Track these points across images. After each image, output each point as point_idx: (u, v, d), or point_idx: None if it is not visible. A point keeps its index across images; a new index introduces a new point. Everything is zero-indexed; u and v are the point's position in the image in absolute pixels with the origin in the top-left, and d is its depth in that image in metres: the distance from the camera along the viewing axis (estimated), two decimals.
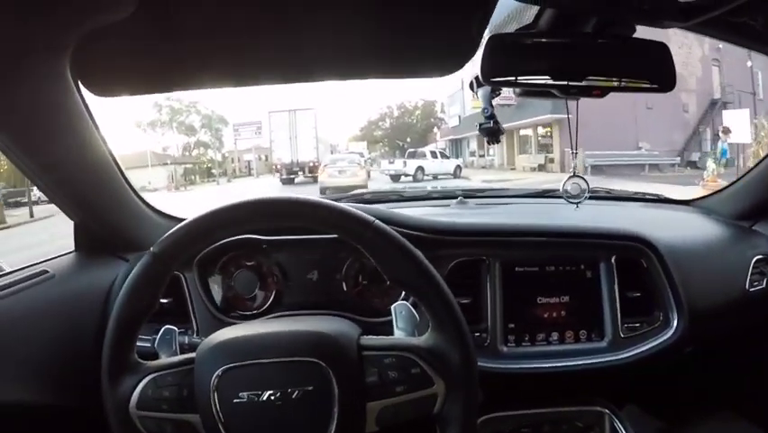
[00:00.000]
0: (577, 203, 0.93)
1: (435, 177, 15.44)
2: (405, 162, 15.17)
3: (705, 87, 16.69)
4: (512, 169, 21.19)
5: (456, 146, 25.03)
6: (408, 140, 33.75)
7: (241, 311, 0.92)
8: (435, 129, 32.14)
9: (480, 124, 0.98)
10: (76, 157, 0.78)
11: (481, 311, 0.93)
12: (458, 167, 17.93)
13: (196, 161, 30.96)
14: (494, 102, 0.96)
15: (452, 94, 23.41)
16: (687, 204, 1.43)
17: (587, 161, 14.20)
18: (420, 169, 15.20)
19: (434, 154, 18.47)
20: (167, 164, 24.39)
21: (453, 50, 0.66)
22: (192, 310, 0.89)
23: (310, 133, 17.03)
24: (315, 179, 15.89)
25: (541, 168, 18.71)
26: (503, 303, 0.93)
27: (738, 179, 1.36)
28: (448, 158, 18.59)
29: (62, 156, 0.75)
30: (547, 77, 0.68)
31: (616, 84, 0.71)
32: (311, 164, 16.78)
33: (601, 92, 0.72)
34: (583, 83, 0.70)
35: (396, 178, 14.82)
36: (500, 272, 0.94)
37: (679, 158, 15.35)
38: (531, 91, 0.77)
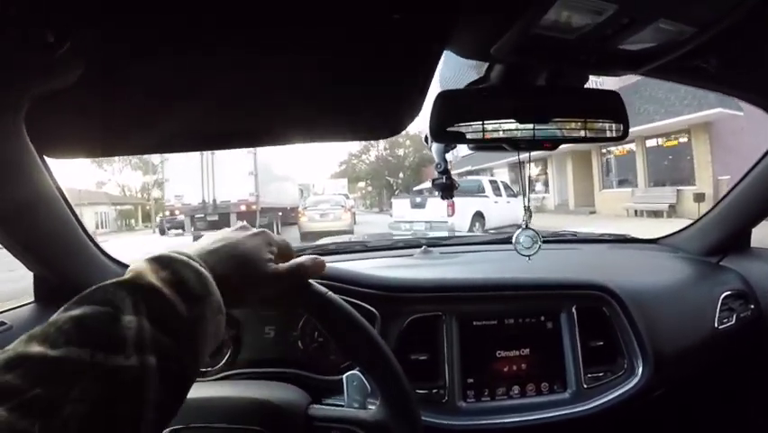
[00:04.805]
0: (530, 255, 1.20)
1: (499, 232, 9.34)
2: (451, 208, 10.92)
3: None
4: (591, 213, 17.54)
5: None
6: (401, 176, 34.48)
7: None
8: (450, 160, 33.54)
9: (434, 180, 1.30)
10: (33, 211, 1.02)
11: (439, 367, 1.19)
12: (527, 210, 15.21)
13: (137, 202, 31.88)
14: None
15: None
16: (654, 242, 1.90)
17: None
18: (479, 216, 11.72)
19: (494, 186, 13.46)
20: (82, 204, 22.17)
21: (396, 111, 0.92)
22: None
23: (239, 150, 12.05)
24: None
25: (672, 211, 14.64)
26: (461, 358, 1.19)
27: (704, 215, 1.77)
28: (515, 194, 13.83)
29: (20, 210, 0.99)
30: (499, 130, 0.95)
31: (569, 134, 0.97)
32: (243, 207, 13.42)
33: (552, 145, 0.99)
34: (541, 131, 0.96)
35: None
36: (457, 328, 1.21)
37: None
38: (483, 146, 1.06)
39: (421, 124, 1.01)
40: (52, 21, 0.63)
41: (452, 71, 1.07)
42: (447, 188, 1.31)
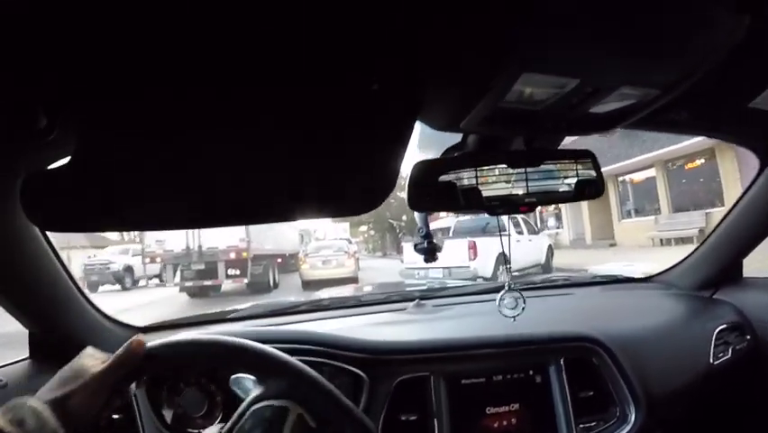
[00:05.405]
0: (515, 317, 1.31)
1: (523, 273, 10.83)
2: (473, 250, 10.47)
3: None
4: (612, 245, 17.34)
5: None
6: (404, 218, 32.27)
7: (190, 429, 1.25)
8: None
9: (416, 245, 1.39)
10: (29, 274, 1.13)
11: (428, 427, 1.24)
12: (550, 248, 14.16)
13: (129, 245, 32.99)
14: None
15: None
16: (647, 281, 2.00)
17: None
18: (502, 258, 8.27)
19: (514, 222, 12.01)
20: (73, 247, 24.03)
21: (372, 185, 0.95)
22: (142, 428, 1.22)
23: None
24: (253, 287, 12.69)
25: (702, 235, 12.75)
26: (450, 417, 1.25)
27: (696, 249, 1.87)
28: (536, 231, 13.81)
29: (14, 270, 1.09)
30: (476, 198, 1.01)
31: (546, 197, 1.05)
32: (232, 254, 12.84)
33: (529, 208, 1.05)
34: (517, 196, 1.02)
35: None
36: (446, 387, 1.27)
37: None
38: (461, 212, 1.16)
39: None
40: (43, 104, 0.73)
41: (424, 140, 1.17)
42: (430, 252, 1.39)
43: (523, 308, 1.32)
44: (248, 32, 0.68)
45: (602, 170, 1.08)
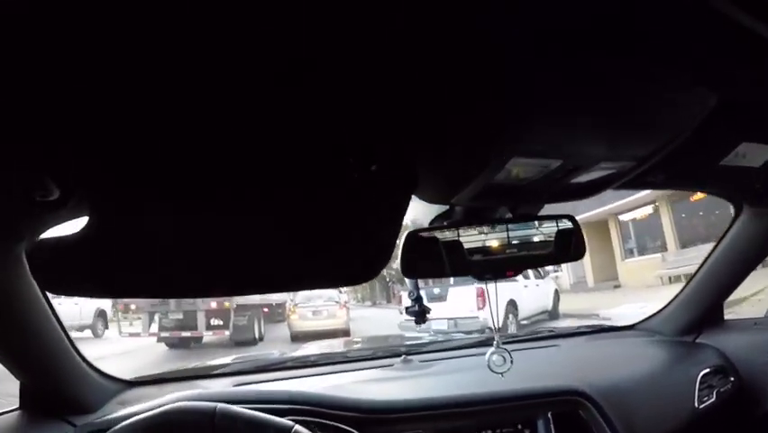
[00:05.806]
0: (503, 373, 1.35)
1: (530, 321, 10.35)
2: (481, 299, 9.01)
3: None
4: (616, 287, 16.51)
5: None
6: (394, 266, 35.39)
7: None
8: None
9: (407, 308, 1.49)
10: (23, 324, 1.17)
11: None
12: (556, 293, 13.39)
13: None
14: None
15: None
16: (631, 328, 2.09)
17: None
18: (512, 306, 10.03)
19: None
20: None
21: (370, 257, 1.00)
22: None
23: None
24: (236, 340, 11.78)
25: None
26: None
27: (677, 295, 1.96)
28: (542, 275, 12.82)
29: (10, 324, 1.15)
30: (466, 265, 1.10)
31: (531, 259, 1.14)
32: (213, 303, 12.00)
33: (515, 272, 1.15)
34: (503, 262, 1.11)
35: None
36: None
37: None
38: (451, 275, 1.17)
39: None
40: (57, 177, 0.78)
41: (414, 210, 1.19)
42: (420, 315, 1.48)
43: (511, 362, 1.39)
44: (261, 122, 0.78)
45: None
